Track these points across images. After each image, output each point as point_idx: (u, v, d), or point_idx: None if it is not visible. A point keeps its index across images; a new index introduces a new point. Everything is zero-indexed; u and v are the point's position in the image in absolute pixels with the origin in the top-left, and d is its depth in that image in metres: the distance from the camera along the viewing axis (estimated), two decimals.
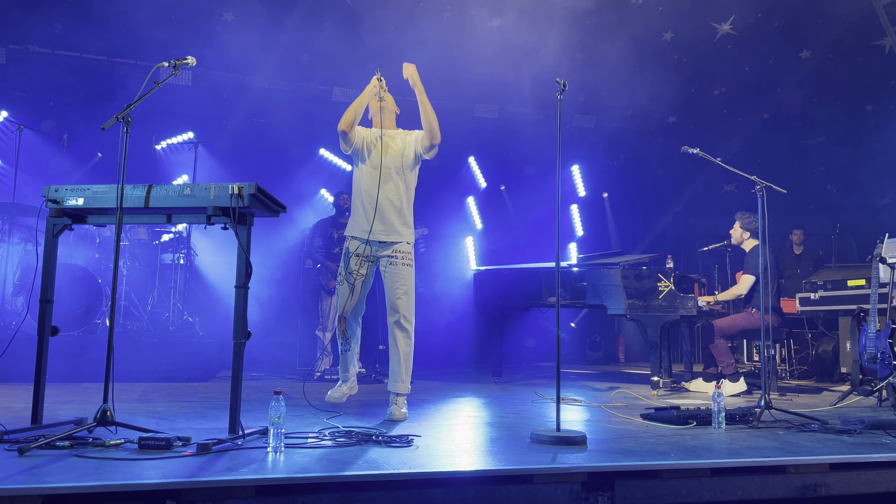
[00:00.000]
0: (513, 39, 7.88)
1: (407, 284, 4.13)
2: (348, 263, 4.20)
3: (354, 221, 4.23)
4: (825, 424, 3.83)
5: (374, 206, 4.11)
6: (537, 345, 9.86)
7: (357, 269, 4.18)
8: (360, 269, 4.18)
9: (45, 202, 3.28)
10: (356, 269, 4.18)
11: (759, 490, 2.86)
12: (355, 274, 4.18)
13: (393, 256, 4.14)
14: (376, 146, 4.22)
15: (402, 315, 4.07)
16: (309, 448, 2.95)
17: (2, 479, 2.24)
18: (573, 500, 2.64)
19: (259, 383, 6.05)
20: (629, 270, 5.88)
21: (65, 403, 4.24)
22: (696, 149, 4.86)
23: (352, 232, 4.22)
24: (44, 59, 7.78)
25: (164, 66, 3.36)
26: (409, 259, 4.19)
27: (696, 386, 6.07)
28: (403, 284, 4.12)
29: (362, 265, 4.19)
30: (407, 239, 4.20)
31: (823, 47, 8.51)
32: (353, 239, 4.20)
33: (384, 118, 4.34)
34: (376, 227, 4.10)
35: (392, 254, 4.14)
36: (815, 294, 6.76)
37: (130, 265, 6.87)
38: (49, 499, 2.19)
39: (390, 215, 4.14)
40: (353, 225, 4.23)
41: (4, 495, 2.13)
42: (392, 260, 4.14)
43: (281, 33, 7.58)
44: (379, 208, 4.11)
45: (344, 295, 4.18)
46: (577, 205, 10.78)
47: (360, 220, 4.17)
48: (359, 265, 4.18)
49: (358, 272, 4.18)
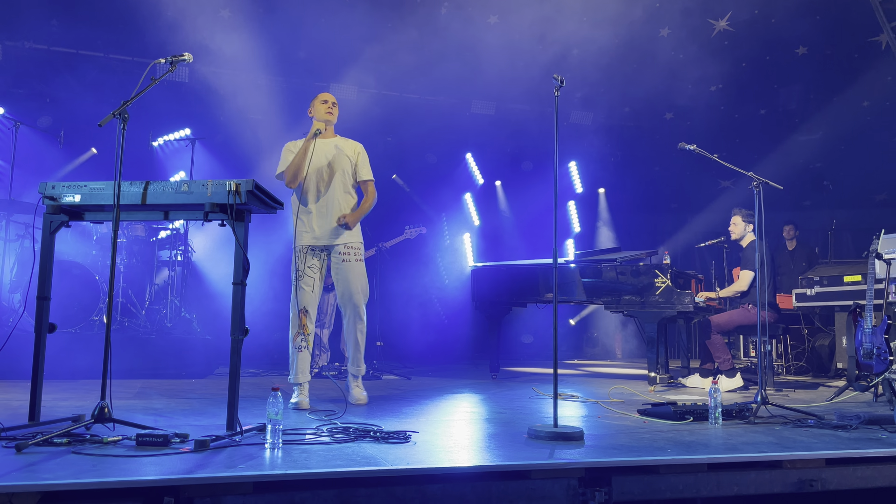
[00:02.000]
0: (510, 36, 7.89)
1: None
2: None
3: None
4: (821, 420, 3.85)
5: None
6: (534, 341, 9.88)
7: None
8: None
9: (42, 199, 3.27)
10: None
11: (756, 485, 2.87)
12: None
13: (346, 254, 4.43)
14: (320, 173, 4.46)
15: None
16: (307, 444, 2.96)
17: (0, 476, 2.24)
18: (570, 495, 2.65)
19: (257, 380, 6.06)
20: (626, 267, 5.89)
21: (62, 400, 4.23)
22: (693, 145, 4.86)
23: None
24: (40, 56, 7.76)
25: (161, 63, 3.35)
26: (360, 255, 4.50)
27: (693, 382, 6.09)
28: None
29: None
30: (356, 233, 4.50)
31: (820, 43, 8.53)
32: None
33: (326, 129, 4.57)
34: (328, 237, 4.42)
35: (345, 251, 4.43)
36: (812, 290, 6.77)
37: (128, 262, 6.86)
38: (47, 496, 2.19)
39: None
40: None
41: (2, 492, 2.13)
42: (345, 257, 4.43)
43: (277, 30, 7.57)
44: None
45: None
46: (575, 201, 10.79)
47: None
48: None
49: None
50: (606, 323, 10.56)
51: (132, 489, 2.27)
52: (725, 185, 10.38)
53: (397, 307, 8.42)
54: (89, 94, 7.87)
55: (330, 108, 4.52)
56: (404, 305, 8.65)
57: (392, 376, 6.59)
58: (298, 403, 4.24)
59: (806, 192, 10.14)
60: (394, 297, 8.20)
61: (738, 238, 6.26)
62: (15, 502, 2.13)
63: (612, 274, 5.90)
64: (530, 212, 9.77)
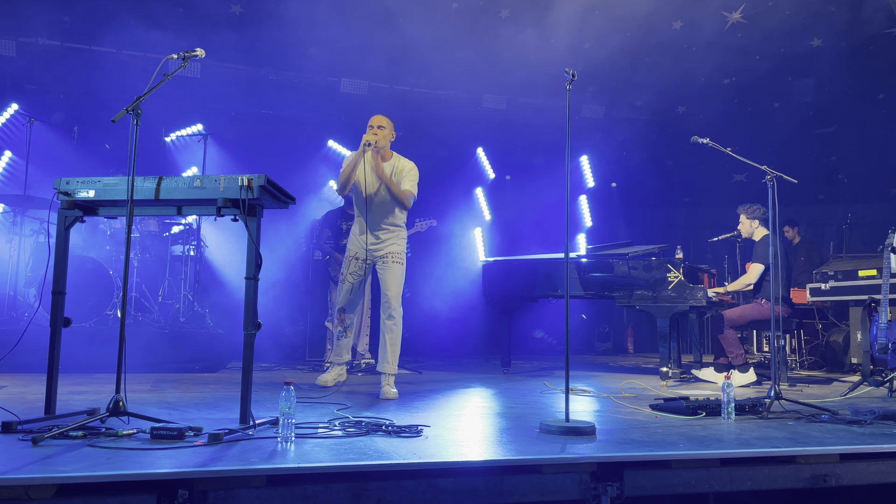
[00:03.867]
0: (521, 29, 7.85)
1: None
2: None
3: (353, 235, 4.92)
4: (835, 415, 3.82)
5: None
6: (546, 336, 9.87)
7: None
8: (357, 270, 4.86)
9: (57, 194, 3.29)
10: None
11: (769, 480, 2.86)
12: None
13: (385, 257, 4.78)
14: (369, 191, 4.75)
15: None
16: (319, 438, 2.97)
17: (16, 469, 2.27)
18: (582, 489, 2.65)
19: (269, 374, 6.09)
20: (638, 261, 5.87)
21: (77, 394, 4.27)
22: (705, 139, 4.83)
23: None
24: (53, 52, 7.81)
25: (174, 59, 3.37)
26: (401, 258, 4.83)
27: (706, 376, 6.06)
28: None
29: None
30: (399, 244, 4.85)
31: (835, 35, 8.43)
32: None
33: (380, 152, 4.78)
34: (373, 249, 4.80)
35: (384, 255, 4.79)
36: (826, 284, 6.72)
37: (141, 257, 6.90)
38: (63, 488, 2.21)
39: (382, 234, 4.80)
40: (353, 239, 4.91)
41: (19, 484, 2.15)
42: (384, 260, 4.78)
43: (288, 24, 7.57)
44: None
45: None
46: (587, 195, 10.75)
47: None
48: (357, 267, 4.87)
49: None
50: (618, 318, 10.53)
51: (147, 482, 2.29)
52: (739, 178, 10.31)
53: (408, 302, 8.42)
54: (102, 90, 7.92)
55: (374, 131, 4.71)
56: (415, 300, 8.65)
57: (403, 371, 6.61)
58: (321, 379, 4.91)
59: (820, 186, 10.04)
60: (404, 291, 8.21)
61: (749, 235, 6.22)
62: (32, 494, 2.16)
63: (624, 268, 5.88)
64: (542, 206, 9.73)
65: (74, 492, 2.22)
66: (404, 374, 6.30)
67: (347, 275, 4.85)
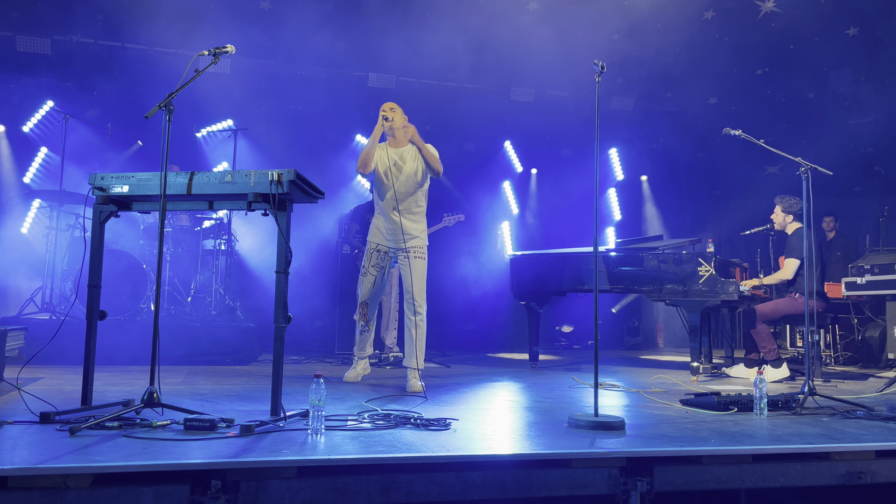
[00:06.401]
0: (549, 22, 7.79)
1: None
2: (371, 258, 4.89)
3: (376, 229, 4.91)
4: (871, 411, 3.75)
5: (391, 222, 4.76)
6: (574, 330, 9.82)
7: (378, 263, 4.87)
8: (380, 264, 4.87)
9: (92, 190, 3.35)
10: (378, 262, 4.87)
11: (802, 477, 2.82)
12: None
13: (408, 252, 4.74)
14: (389, 177, 4.72)
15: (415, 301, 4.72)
16: (349, 430, 2.99)
17: (54, 458, 2.32)
18: (612, 484, 2.64)
19: (299, 366, 6.15)
20: (668, 255, 5.80)
21: (113, 385, 4.36)
22: (738, 130, 4.75)
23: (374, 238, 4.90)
24: (87, 50, 7.95)
25: (204, 55, 3.40)
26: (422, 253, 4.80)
27: (738, 372, 5.99)
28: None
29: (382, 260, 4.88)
30: (420, 236, 4.81)
31: (871, 24, 8.23)
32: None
33: (396, 137, 4.79)
34: (395, 239, 4.77)
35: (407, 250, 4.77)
36: (862, 278, 6.59)
37: (173, 251, 7.01)
38: (100, 477, 2.26)
39: (407, 228, 4.74)
40: (375, 232, 4.91)
41: (57, 473, 2.21)
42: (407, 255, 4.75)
43: (317, 20, 7.61)
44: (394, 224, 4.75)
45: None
46: (615, 188, 10.65)
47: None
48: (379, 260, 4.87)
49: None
50: (648, 312, 10.44)
51: (181, 472, 2.33)
52: (772, 171, 10.13)
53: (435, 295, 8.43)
54: (135, 87, 8.04)
55: (387, 113, 4.69)
56: (443, 294, 8.67)
57: (431, 364, 6.63)
58: (347, 376, 4.96)
59: (856, 178, 9.82)
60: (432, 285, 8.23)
61: (781, 227, 6.12)
62: (69, 483, 2.21)
63: (654, 262, 5.83)
64: (570, 199, 9.68)
65: (110, 481, 2.27)
66: (432, 368, 6.32)
67: (370, 267, 4.86)
